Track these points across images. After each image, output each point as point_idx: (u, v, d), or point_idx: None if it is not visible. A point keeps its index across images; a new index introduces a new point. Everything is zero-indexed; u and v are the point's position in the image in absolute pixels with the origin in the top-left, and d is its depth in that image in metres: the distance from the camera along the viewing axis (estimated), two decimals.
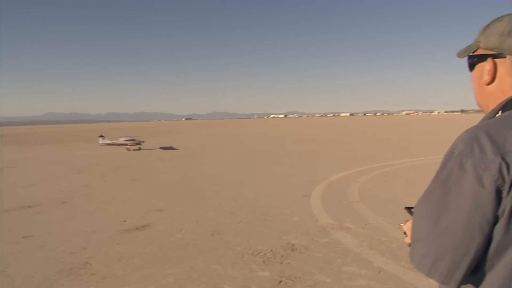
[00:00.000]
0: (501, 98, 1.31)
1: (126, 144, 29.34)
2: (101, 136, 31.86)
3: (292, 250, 6.10)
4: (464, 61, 1.49)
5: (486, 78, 1.35)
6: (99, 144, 31.22)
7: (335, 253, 5.94)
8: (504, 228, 1.10)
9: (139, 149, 29.10)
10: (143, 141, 30.41)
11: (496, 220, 1.11)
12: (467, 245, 1.12)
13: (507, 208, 1.09)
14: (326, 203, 9.28)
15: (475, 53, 1.40)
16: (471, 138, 1.16)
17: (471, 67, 1.43)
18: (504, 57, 1.31)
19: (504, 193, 1.09)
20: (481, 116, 1.38)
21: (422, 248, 1.18)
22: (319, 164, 16.78)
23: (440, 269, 1.15)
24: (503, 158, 1.09)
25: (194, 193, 11.02)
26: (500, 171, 1.09)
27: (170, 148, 29.27)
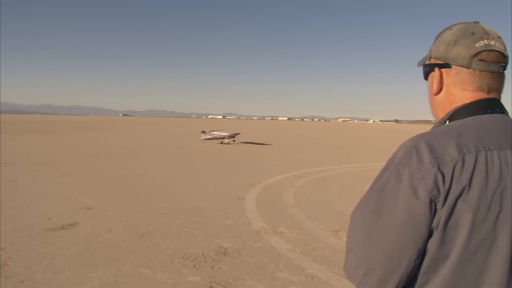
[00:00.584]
0: (449, 109, 1.30)
1: (224, 138, 31.08)
2: (203, 132, 33.25)
3: (224, 254, 5.95)
4: (410, 71, 1.43)
5: (434, 88, 1.34)
6: (202, 139, 32.28)
7: (268, 259, 5.84)
8: (439, 241, 1.08)
9: (234, 141, 31.26)
10: (238, 134, 33.01)
11: (431, 232, 1.09)
12: (399, 257, 1.09)
13: (442, 221, 1.06)
14: (260, 207, 9.19)
15: (429, 62, 1.39)
16: (411, 147, 1.14)
17: (425, 76, 1.41)
18: (450, 67, 1.29)
19: (439, 205, 1.07)
20: (414, 126, 1.31)
21: (354, 259, 1.15)
22: (256, 167, 16.72)
23: (370, 281, 1.12)
24: (439, 169, 1.07)
25: (126, 192, 10.60)
26: (435, 182, 1.07)
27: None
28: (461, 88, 1.27)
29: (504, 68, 1.25)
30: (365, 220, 1.14)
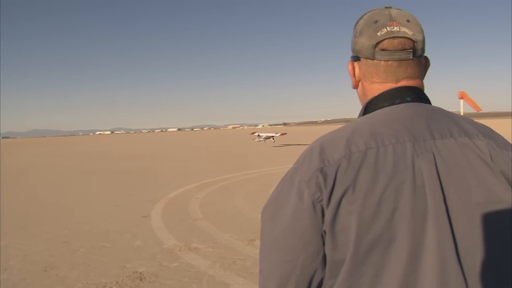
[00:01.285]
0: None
1: (272, 137, 41.58)
2: (258, 135, 43.51)
3: (141, 280, 5.53)
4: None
5: (351, 82, 1.31)
6: (257, 141, 42.69)
7: (188, 278, 5.52)
8: (331, 245, 1.04)
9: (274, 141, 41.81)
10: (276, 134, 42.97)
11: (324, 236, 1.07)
12: (292, 261, 1.08)
13: (328, 224, 1.03)
14: (168, 223, 8.79)
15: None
16: (307, 150, 1.14)
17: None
18: (360, 60, 1.25)
19: (324, 207, 1.04)
20: (301, 128, 1.20)
21: (259, 265, 1.17)
22: (154, 182, 16.16)
23: (269, 287, 1.12)
24: (322, 170, 1.05)
25: (19, 222, 9.54)
26: (318, 184, 1.05)
27: None
28: (370, 81, 1.23)
29: (415, 53, 1.17)
30: (264, 226, 1.15)
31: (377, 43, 1.17)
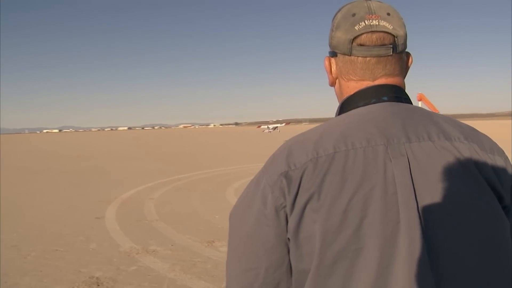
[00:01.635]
0: None
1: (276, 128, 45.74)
2: (267, 127, 45.04)
3: (98, 285, 5.30)
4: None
5: (328, 78, 1.23)
6: (267, 132, 43.49)
7: (148, 283, 5.34)
8: (295, 253, 0.98)
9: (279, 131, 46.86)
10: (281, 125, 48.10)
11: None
12: (255, 270, 1.03)
13: (291, 231, 0.97)
14: (123, 225, 8.53)
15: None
16: (276, 152, 1.08)
17: None
18: (336, 56, 1.17)
19: (288, 214, 0.98)
20: (252, 128, 1.13)
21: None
22: (107, 182, 15.70)
23: None
24: (287, 175, 0.99)
25: None
26: (281, 189, 0.99)
27: None
28: (346, 79, 1.15)
29: (395, 49, 1.08)
30: (230, 231, 1.10)
31: (355, 38, 1.08)
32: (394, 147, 0.97)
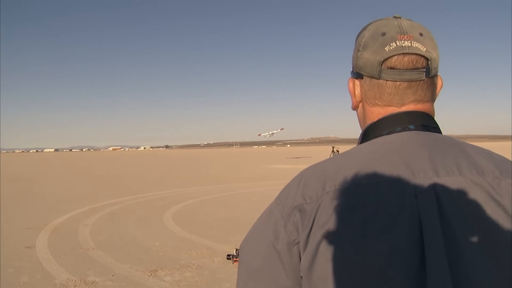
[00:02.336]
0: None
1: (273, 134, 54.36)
2: (268, 133, 54.99)
3: None
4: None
5: (352, 101, 1.12)
6: (268, 136, 47.31)
7: None
8: None
9: (275, 136, 58.58)
10: (277, 131, 53.89)
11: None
12: None
13: (305, 270, 0.89)
14: (57, 254, 8.01)
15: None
16: (292, 182, 0.99)
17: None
18: (362, 78, 1.06)
19: (301, 251, 0.90)
20: (183, 151, 1.06)
21: None
22: (36, 207, 14.81)
23: None
24: (301, 208, 0.90)
25: None
26: (295, 223, 0.91)
27: None
28: (372, 103, 1.05)
29: (428, 73, 0.99)
30: (239, 263, 1.02)
31: (384, 60, 0.99)
32: (421, 182, 0.87)
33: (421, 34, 1.00)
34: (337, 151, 38.34)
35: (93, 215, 12.65)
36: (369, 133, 1.03)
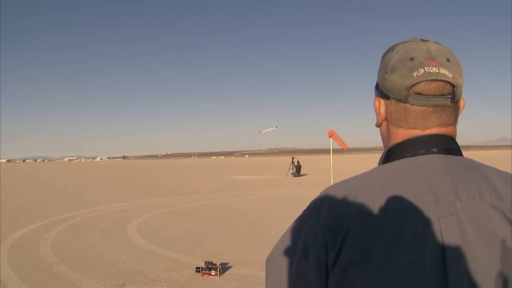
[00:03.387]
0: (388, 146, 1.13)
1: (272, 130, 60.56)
2: (267, 130, 54.81)
3: None
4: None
5: (377, 119, 1.16)
6: (268, 132, 49.51)
7: None
8: None
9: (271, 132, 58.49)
10: (276, 127, 62.67)
11: None
12: None
13: (332, 286, 0.93)
14: (18, 271, 7.77)
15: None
16: (318, 200, 1.02)
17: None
18: (388, 99, 1.09)
19: (329, 270, 0.94)
20: (141, 161, 1.14)
21: None
22: None
23: None
24: (331, 229, 0.93)
25: None
26: (324, 243, 0.94)
27: None
28: (396, 124, 1.09)
29: (453, 98, 1.03)
30: (267, 280, 1.05)
31: (412, 85, 1.02)
32: (443, 205, 0.92)
33: (448, 60, 1.03)
34: (298, 161, 38.49)
35: (54, 229, 12.33)
36: (393, 153, 1.07)
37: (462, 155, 1.07)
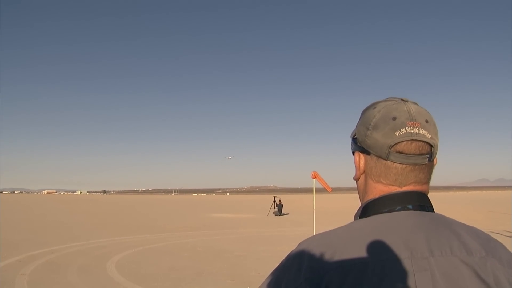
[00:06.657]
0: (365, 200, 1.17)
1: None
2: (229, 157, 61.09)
3: None
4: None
5: (355, 173, 1.20)
6: (229, 158, 53.88)
7: None
8: None
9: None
10: None
11: None
12: None
13: None
14: None
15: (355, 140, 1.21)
16: (297, 252, 1.04)
17: (352, 152, 1.22)
18: (369, 155, 1.14)
19: None
20: (121, 196, 1.18)
21: None
22: None
23: None
24: (311, 282, 0.96)
25: None
26: None
27: None
28: (375, 180, 1.13)
29: (430, 158, 1.10)
30: None
31: (394, 144, 1.07)
32: (418, 261, 0.97)
33: (426, 121, 1.10)
34: (279, 201, 38.27)
35: (30, 264, 12.06)
36: (369, 208, 1.11)
37: (434, 211, 1.13)
